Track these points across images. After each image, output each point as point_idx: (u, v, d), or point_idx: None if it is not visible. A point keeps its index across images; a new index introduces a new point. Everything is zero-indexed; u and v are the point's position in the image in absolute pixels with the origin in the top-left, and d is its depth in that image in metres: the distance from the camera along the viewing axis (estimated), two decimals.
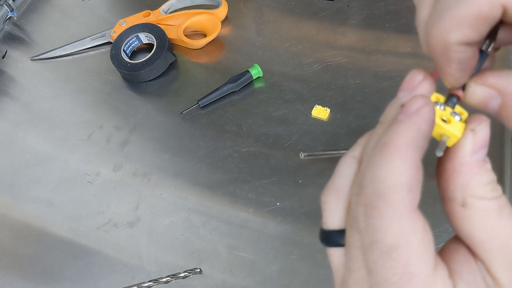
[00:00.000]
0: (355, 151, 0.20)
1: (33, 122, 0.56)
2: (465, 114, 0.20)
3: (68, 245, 0.47)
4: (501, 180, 0.45)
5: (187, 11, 0.61)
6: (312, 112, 0.51)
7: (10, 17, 0.66)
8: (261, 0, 0.63)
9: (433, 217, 0.48)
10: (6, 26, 0.66)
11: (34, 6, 0.68)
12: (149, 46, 0.60)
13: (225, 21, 0.61)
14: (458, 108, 0.20)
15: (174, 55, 0.58)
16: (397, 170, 0.17)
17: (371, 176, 0.17)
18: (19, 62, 0.62)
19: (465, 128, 0.19)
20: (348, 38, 0.57)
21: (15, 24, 0.66)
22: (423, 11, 0.19)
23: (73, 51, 0.61)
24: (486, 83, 0.19)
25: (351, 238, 0.18)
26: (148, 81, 0.57)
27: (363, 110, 0.51)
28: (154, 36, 0.58)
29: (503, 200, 0.18)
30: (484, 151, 0.18)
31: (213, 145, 0.51)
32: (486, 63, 0.20)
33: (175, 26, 0.59)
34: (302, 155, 0.40)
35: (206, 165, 0.50)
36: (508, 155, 0.46)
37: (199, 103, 0.53)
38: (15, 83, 0.60)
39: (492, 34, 0.20)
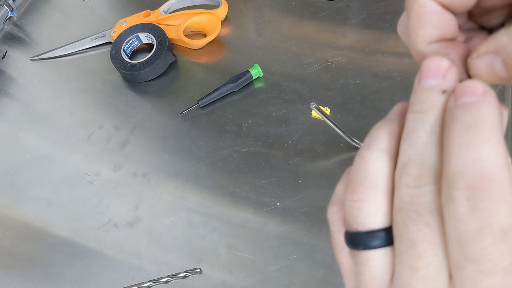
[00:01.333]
0: (381, 144, 0.19)
1: (33, 122, 0.56)
2: None
3: (68, 245, 0.47)
4: None
5: (187, 11, 0.61)
6: (312, 112, 0.51)
7: (10, 17, 0.66)
8: (261, 0, 0.63)
9: None
10: (6, 26, 0.66)
11: (34, 6, 0.68)
12: (149, 46, 0.60)
13: (225, 21, 0.61)
14: None
15: (174, 55, 0.58)
16: (499, 149, 0.16)
17: (470, 158, 0.16)
18: (19, 62, 0.62)
19: None
20: (348, 38, 0.57)
21: (15, 24, 0.66)
22: None
23: (73, 51, 0.61)
24: (481, 52, 0.19)
25: (417, 233, 0.17)
26: (148, 81, 0.57)
27: (363, 110, 0.51)
28: (154, 36, 0.58)
29: None
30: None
31: (213, 145, 0.51)
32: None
33: (175, 26, 0.59)
34: (313, 105, 0.41)
35: (206, 165, 0.50)
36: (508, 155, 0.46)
37: (199, 103, 0.53)
38: (15, 83, 0.60)
39: None
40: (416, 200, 0.17)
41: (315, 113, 0.51)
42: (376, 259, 0.18)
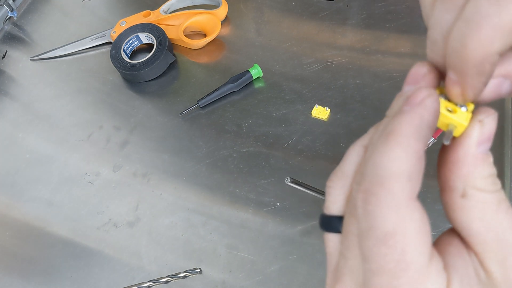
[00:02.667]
0: (365, 140, 0.20)
1: (33, 122, 0.56)
2: (471, 106, 0.19)
3: (68, 245, 0.47)
4: (501, 180, 0.45)
5: (187, 11, 0.61)
6: (312, 112, 0.51)
7: (10, 17, 0.66)
8: (261, 0, 0.63)
9: (433, 217, 0.48)
10: (6, 26, 0.66)
11: (34, 6, 0.68)
12: (149, 46, 0.60)
13: (225, 21, 0.61)
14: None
15: (174, 55, 0.58)
16: (398, 158, 0.17)
17: (373, 163, 0.17)
18: (19, 62, 0.62)
19: (472, 119, 0.19)
20: (348, 38, 0.57)
21: (15, 24, 0.66)
22: (441, 17, 0.18)
23: (73, 51, 0.61)
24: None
25: (349, 225, 0.18)
26: (148, 81, 0.57)
27: (363, 110, 0.51)
28: (154, 36, 0.58)
29: (502, 194, 0.18)
30: (488, 144, 0.18)
31: (213, 145, 0.51)
32: None
33: (175, 26, 0.59)
34: (287, 180, 0.39)
35: (206, 165, 0.50)
36: (508, 155, 0.46)
37: (199, 103, 0.53)
38: (15, 83, 0.60)
39: None
40: (354, 195, 0.18)
41: (315, 113, 0.51)
42: (332, 241, 0.20)
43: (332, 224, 0.20)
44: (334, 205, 0.20)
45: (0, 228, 0.49)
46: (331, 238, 0.20)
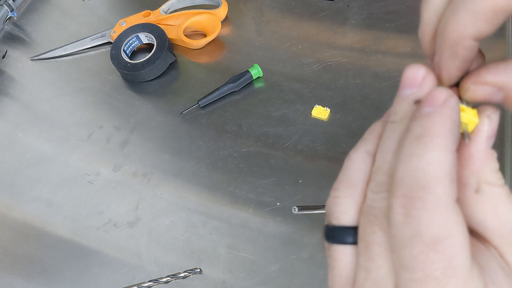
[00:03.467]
0: (367, 146, 0.20)
1: (33, 122, 0.56)
2: (470, 105, 0.20)
3: (68, 245, 0.47)
4: None
5: (187, 11, 0.61)
6: (312, 112, 0.51)
7: (10, 17, 0.66)
8: (261, 0, 0.63)
9: None
10: (6, 26, 0.66)
11: (34, 6, 0.68)
12: (149, 46, 0.60)
13: (225, 21, 0.61)
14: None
15: (174, 55, 0.58)
16: (440, 160, 0.16)
17: (409, 168, 0.17)
18: (19, 62, 0.62)
19: (480, 115, 0.19)
20: (348, 38, 0.57)
21: (15, 24, 0.66)
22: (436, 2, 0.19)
23: (73, 51, 0.61)
24: (484, 82, 0.19)
25: (371, 235, 0.18)
26: (148, 81, 0.57)
27: (363, 110, 0.51)
28: (154, 36, 0.58)
29: (507, 188, 0.19)
30: (493, 139, 0.19)
31: (213, 145, 0.51)
32: (478, 60, 0.20)
33: (175, 26, 0.59)
34: (295, 210, 0.39)
35: (206, 165, 0.50)
36: (508, 155, 0.46)
37: (199, 103, 0.53)
38: (15, 83, 0.60)
39: None
40: (375, 204, 0.18)
41: (315, 113, 0.51)
42: (345, 254, 0.19)
43: (344, 235, 0.19)
44: (344, 216, 0.19)
45: (0, 228, 0.49)
46: (341, 251, 0.19)
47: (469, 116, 0.19)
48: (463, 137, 0.19)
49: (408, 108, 0.18)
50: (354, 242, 0.19)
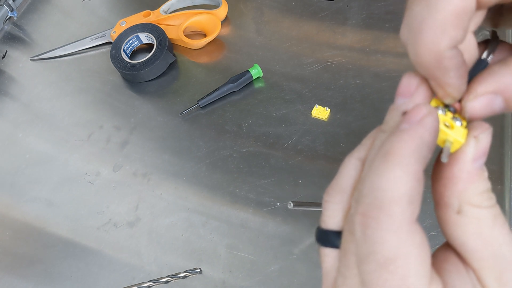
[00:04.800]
0: (361, 152, 0.20)
1: (33, 122, 0.56)
2: (465, 120, 0.19)
3: (68, 245, 0.47)
4: (501, 180, 0.45)
5: (187, 11, 0.61)
6: (312, 112, 0.51)
7: (10, 17, 0.66)
8: (261, 0, 0.63)
9: (433, 217, 0.48)
10: (6, 26, 0.66)
11: (34, 6, 0.68)
12: (149, 46, 0.60)
13: (225, 21, 0.61)
14: (457, 114, 0.19)
15: (174, 55, 0.58)
16: (399, 181, 0.17)
17: (371, 185, 0.17)
18: (19, 62, 0.62)
19: (468, 135, 0.18)
20: (348, 38, 0.57)
21: (15, 24, 0.66)
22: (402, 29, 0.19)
23: (73, 51, 0.61)
24: (479, 94, 0.18)
25: (348, 243, 0.18)
26: (148, 81, 0.57)
27: (363, 110, 0.51)
28: (154, 36, 0.58)
29: (497, 209, 0.18)
30: (484, 159, 0.18)
31: (213, 145, 0.51)
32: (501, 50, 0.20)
33: (175, 26, 0.59)
34: (290, 205, 0.39)
35: (206, 165, 0.50)
36: (508, 155, 0.46)
37: (199, 103, 0.53)
38: (15, 83, 0.61)
39: (492, 43, 0.20)
40: (352, 217, 0.18)
41: (315, 113, 0.51)
42: (330, 257, 0.19)
43: (330, 239, 0.19)
44: (331, 220, 0.19)
45: (0, 228, 0.49)
46: (328, 253, 0.20)
47: (456, 135, 0.18)
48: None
49: (397, 119, 0.18)
50: (338, 246, 0.19)
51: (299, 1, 0.62)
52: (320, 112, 0.51)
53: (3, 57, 0.63)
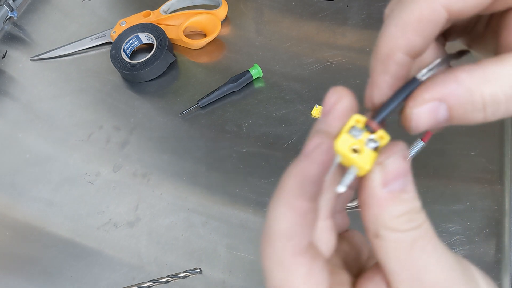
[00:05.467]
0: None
1: (33, 122, 0.56)
2: (385, 139, 0.19)
3: (68, 245, 0.47)
4: (501, 180, 0.45)
5: (187, 11, 0.61)
6: (312, 112, 0.51)
7: (10, 17, 0.66)
8: (261, 0, 0.63)
9: (433, 217, 0.48)
10: (6, 26, 0.66)
11: (34, 6, 0.68)
12: (149, 46, 0.60)
13: (225, 21, 0.61)
14: (380, 132, 0.19)
15: (174, 55, 0.58)
16: (279, 217, 0.17)
17: (267, 217, 0.18)
18: (19, 62, 0.62)
19: (375, 160, 0.18)
20: (348, 38, 0.57)
21: (15, 24, 0.66)
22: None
23: (73, 51, 0.61)
24: (426, 100, 0.18)
25: None
26: (148, 81, 0.57)
27: (363, 110, 0.51)
28: (154, 36, 0.58)
29: (420, 231, 0.17)
30: (400, 181, 0.17)
31: (213, 145, 0.51)
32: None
33: (175, 26, 0.59)
34: None
35: (206, 165, 0.50)
36: (508, 155, 0.46)
37: (199, 103, 0.53)
38: (15, 83, 0.60)
39: (439, 62, 0.19)
40: None
41: (315, 113, 0.51)
42: None
43: None
44: None
45: (0, 228, 0.49)
46: None
47: (361, 161, 0.18)
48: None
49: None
50: None
51: (299, 1, 0.62)
52: (320, 112, 0.51)
53: (3, 57, 0.63)
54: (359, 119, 0.19)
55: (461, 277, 0.17)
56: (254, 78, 0.54)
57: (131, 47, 0.59)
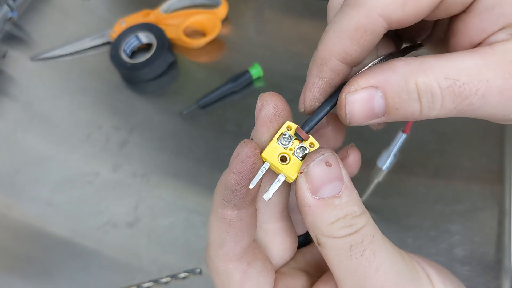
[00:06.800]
0: None
1: (33, 122, 0.56)
2: (315, 147, 0.19)
3: (67, 245, 0.47)
4: (501, 180, 0.44)
5: (186, 11, 0.61)
6: None
7: (10, 17, 0.66)
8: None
9: (433, 217, 0.48)
10: (6, 26, 0.66)
11: (34, 6, 0.68)
12: (148, 46, 0.60)
13: (225, 21, 0.61)
14: (311, 140, 0.19)
15: (174, 55, 0.58)
16: (210, 227, 0.19)
17: None
18: (19, 62, 0.62)
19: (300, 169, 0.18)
20: None
21: (15, 24, 0.66)
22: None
23: (73, 51, 0.61)
24: (361, 86, 0.18)
25: None
26: (148, 81, 0.57)
27: None
28: (153, 36, 0.57)
29: (358, 236, 0.17)
30: (329, 186, 0.17)
31: (213, 145, 0.51)
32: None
33: (175, 26, 0.59)
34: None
35: (206, 165, 0.50)
36: (509, 155, 0.46)
37: (199, 103, 0.53)
38: (15, 83, 0.60)
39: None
40: None
41: None
42: None
43: None
44: None
45: (0, 228, 0.49)
46: None
47: (284, 170, 0.18)
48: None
49: None
50: None
51: (299, 1, 0.62)
52: None
53: (3, 57, 0.63)
54: (290, 126, 0.19)
55: (407, 280, 0.17)
56: (254, 78, 0.54)
57: (131, 47, 0.59)
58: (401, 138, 0.35)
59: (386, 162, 0.36)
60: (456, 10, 0.18)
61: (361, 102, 0.18)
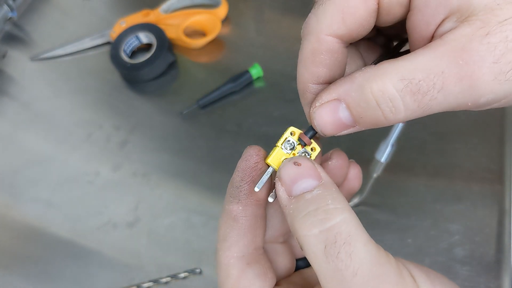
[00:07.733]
0: None
1: (33, 122, 0.56)
2: (316, 151, 0.21)
3: (68, 245, 0.47)
4: (501, 180, 0.44)
5: (186, 11, 0.61)
6: None
7: (10, 17, 0.66)
8: None
9: (433, 217, 0.48)
10: (6, 26, 0.66)
11: (34, 6, 0.68)
12: (148, 46, 0.60)
13: (225, 21, 0.61)
14: (313, 145, 0.21)
15: (174, 55, 0.58)
16: (219, 222, 0.21)
17: None
18: (19, 62, 0.62)
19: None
20: None
21: (15, 24, 0.66)
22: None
23: (73, 51, 0.61)
24: (324, 100, 0.19)
25: None
26: (148, 81, 0.57)
27: None
28: (154, 36, 0.57)
29: (331, 235, 0.17)
30: (299, 183, 0.18)
31: (213, 145, 0.51)
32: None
33: (175, 26, 0.59)
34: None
35: (206, 165, 0.50)
36: (509, 155, 0.46)
37: (199, 103, 0.53)
38: (15, 83, 0.60)
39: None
40: None
41: None
42: None
43: None
44: None
45: (0, 228, 0.49)
46: None
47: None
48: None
49: None
50: None
51: (298, 1, 0.62)
52: None
53: (3, 57, 0.63)
54: (294, 131, 0.22)
55: (390, 284, 0.17)
56: (254, 77, 0.54)
57: (131, 47, 0.59)
58: (398, 127, 0.35)
59: (384, 153, 0.36)
60: (399, 12, 0.19)
61: (326, 114, 0.19)
